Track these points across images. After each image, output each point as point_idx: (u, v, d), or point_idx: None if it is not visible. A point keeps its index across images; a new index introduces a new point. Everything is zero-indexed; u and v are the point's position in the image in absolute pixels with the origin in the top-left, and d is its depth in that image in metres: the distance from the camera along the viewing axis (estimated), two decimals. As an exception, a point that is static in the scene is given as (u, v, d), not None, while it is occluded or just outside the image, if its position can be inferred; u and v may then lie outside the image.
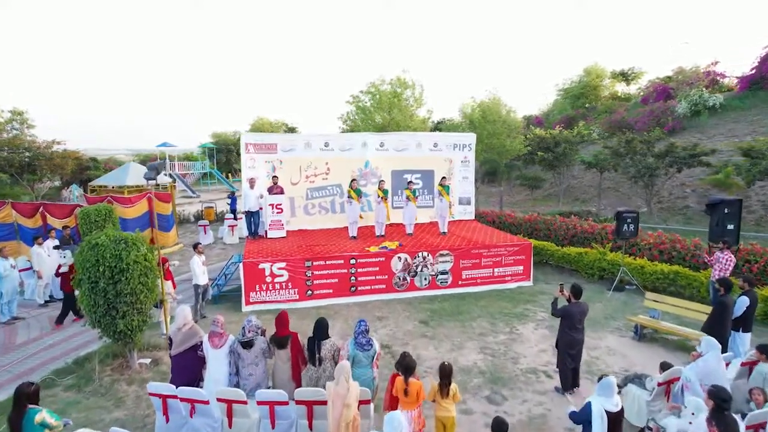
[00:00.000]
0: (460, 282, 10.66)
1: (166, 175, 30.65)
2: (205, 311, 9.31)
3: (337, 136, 13.09)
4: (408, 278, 10.32)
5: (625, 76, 41.15)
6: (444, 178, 12.01)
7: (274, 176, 12.15)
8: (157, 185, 16.30)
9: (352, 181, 11.57)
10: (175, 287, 8.54)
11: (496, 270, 10.89)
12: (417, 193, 11.95)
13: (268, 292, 9.64)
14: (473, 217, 14.37)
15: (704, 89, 28.07)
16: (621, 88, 42.48)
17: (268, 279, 9.61)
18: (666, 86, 31.74)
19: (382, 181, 11.83)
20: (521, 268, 11.09)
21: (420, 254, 10.30)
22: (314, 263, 9.80)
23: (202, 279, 8.89)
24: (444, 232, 12.00)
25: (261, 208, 12.01)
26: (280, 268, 9.63)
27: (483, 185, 29.22)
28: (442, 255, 10.46)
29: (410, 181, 11.92)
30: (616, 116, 30.04)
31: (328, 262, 9.87)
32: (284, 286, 9.69)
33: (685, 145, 18.93)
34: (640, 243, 11.65)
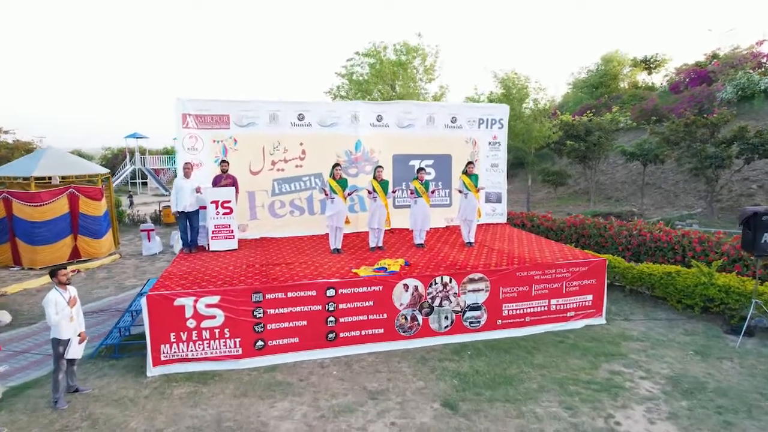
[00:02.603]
0: (499, 322, 6.90)
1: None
2: (77, 381, 5.52)
3: (318, 105, 9.29)
4: (419, 318, 6.57)
5: (647, 64, 37.48)
6: (470, 163, 8.23)
7: (223, 161, 8.40)
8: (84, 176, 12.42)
9: (334, 167, 7.79)
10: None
11: (553, 302, 7.13)
12: (430, 186, 8.19)
13: (192, 344, 5.88)
14: (505, 221, 10.60)
15: (751, 71, 24.40)
16: (641, 77, 38.87)
17: (191, 323, 5.85)
18: (702, 70, 28.13)
19: (380, 167, 8.05)
20: (590, 298, 7.34)
21: (438, 279, 6.55)
22: (267, 296, 6.04)
23: (66, 330, 5.11)
24: (470, 243, 8.24)
25: (203, 208, 8.25)
26: (210, 305, 5.87)
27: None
28: (472, 280, 6.70)
29: (421, 168, 8.14)
30: (649, 103, 26.34)
31: (290, 294, 6.11)
32: (218, 335, 5.92)
33: (760, 129, 15.19)
34: (746, 257, 7.99)
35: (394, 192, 8.64)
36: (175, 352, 5.86)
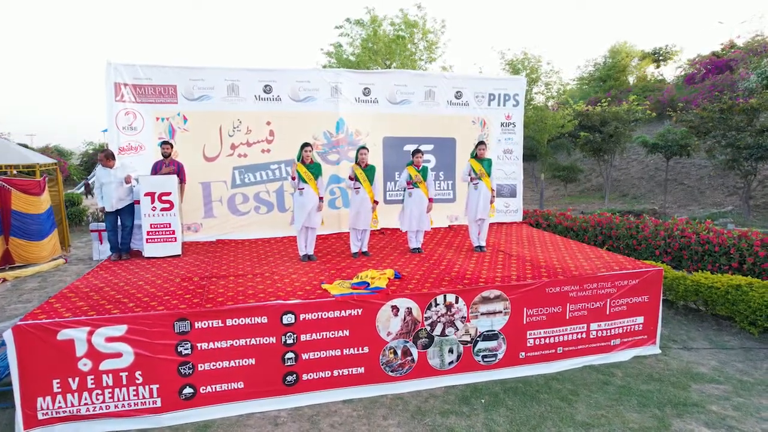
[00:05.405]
0: (522, 355, 5.10)
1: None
2: None
3: (288, 73, 7.44)
4: (414, 352, 4.77)
5: (657, 56, 35.76)
6: (481, 144, 6.41)
7: (165, 142, 6.61)
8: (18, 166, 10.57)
9: (303, 147, 5.97)
10: None
11: (593, 327, 5.34)
12: (428, 174, 6.39)
13: (87, 394, 4.08)
14: (521, 219, 8.81)
15: (777, 59, 22.64)
16: (649, 70, 37.19)
17: (85, 364, 4.05)
18: (721, 60, 26.41)
19: (364, 149, 6.22)
20: (640, 320, 5.54)
21: (440, 299, 4.76)
22: (197, 324, 4.24)
23: None
24: (480, 248, 6.44)
25: (138, 202, 6.46)
26: (113, 339, 4.07)
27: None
28: (486, 299, 4.90)
29: (417, 150, 6.31)
30: (664, 95, 24.61)
31: (230, 322, 4.31)
32: (126, 380, 4.13)
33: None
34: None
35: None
36: (60, 407, 4.06)
